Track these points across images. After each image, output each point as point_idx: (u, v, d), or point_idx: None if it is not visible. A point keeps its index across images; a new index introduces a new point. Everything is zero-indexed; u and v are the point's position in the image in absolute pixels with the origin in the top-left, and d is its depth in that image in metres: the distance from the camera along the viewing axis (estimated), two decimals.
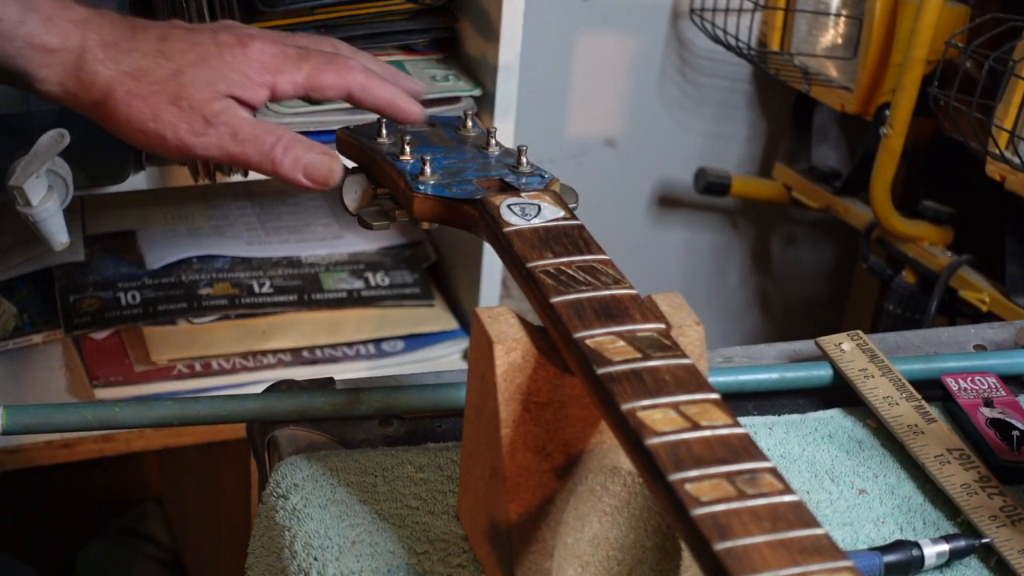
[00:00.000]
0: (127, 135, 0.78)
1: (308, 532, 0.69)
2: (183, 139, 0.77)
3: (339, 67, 0.81)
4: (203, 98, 0.77)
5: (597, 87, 1.78)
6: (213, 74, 0.78)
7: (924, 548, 0.70)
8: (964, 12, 1.51)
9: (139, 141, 0.78)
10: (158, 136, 0.77)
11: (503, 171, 0.77)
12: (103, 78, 0.77)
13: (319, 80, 0.81)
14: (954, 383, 0.82)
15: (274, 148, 0.77)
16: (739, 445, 0.54)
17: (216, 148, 0.77)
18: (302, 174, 0.78)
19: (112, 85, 0.77)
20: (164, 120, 0.77)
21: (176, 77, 0.77)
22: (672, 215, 1.91)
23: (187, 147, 0.77)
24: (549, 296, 0.63)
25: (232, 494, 1.52)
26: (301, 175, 0.78)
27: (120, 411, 0.76)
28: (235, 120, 0.77)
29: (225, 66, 0.78)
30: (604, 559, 0.64)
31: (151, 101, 0.77)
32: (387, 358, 1.47)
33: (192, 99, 0.77)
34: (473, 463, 0.66)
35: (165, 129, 0.77)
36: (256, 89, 0.79)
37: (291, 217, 1.58)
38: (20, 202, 1.14)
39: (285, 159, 0.77)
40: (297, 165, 0.78)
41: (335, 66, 0.81)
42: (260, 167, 0.78)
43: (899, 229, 1.58)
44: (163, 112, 0.77)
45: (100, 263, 1.48)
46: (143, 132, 0.77)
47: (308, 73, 0.80)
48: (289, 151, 0.78)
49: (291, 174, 0.77)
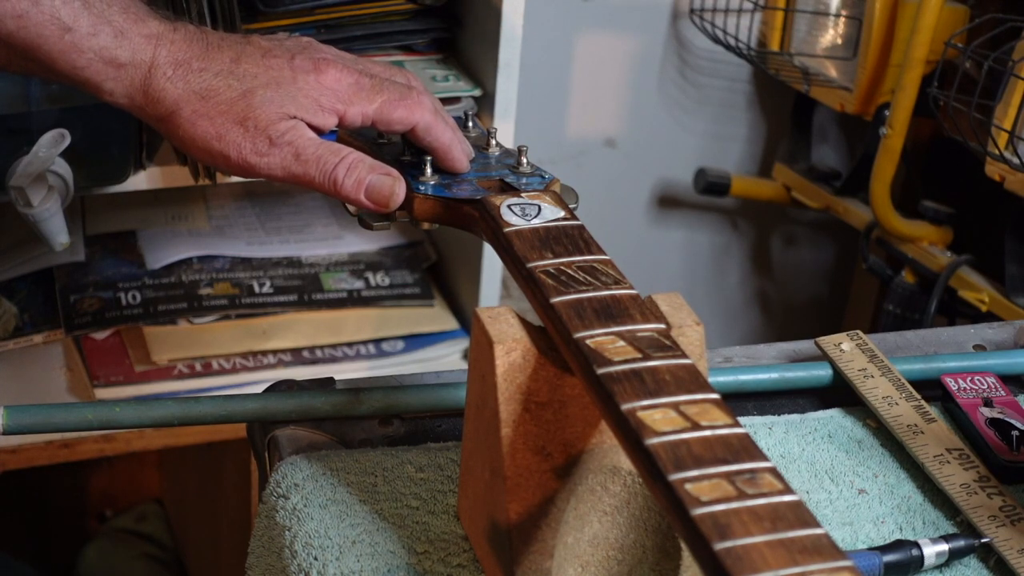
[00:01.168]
0: (190, 151, 0.79)
1: (308, 532, 0.69)
2: (246, 159, 0.77)
3: (410, 103, 0.80)
4: (269, 119, 0.77)
5: (597, 87, 1.78)
6: (284, 97, 0.78)
7: (924, 548, 0.70)
8: (964, 12, 1.51)
9: (202, 159, 0.79)
10: (222, 155, 0.77)
11: (503, 171, 0.77)
12: (171, 96, 0.77)
13: (389, 115, 0.79)
14: (954, 383, 0.82)
15: (336, 169, 0.77)
16: (739, 445, 0.54)
17: (279, 168, 0.77)
18: (364, 195, 0.77)
19: (179, 103, 0.77)
20: (228, 140, 0.77)
21: (245, 98, 0.77)
22: (672, 215, 1.91)
23: (250, 166, 0.77)
24: (549, 296, 0.63)
25: (232, 494, 1.52)
26: (363, 196, 0.77)
27: (120, 411, 0.76)
28: (299, 140, 0.77)
29: (298, 91, 0.78)
30: (604, 559, 0.64)
31: (217, 121, 0.77)
32: (387, 358, 1.47)
33: (258, 120, 0.77)
34: (473, 463, 0.66)
35: (229, 149, 0.77)
36: (325, 116, 0.79)
37: (291, 217, 1.58)
38: (21, 202, 1.15)
39: (347, 180, 0.77)
40: (360, 186, 0.77)
41: (407, 102, 0.80)
42: (322, 187, 0.77)
43: (899, 229, 1.58)
44: (228, 132, 0.77)
45: (100, 263, 1.48)
46: (207, 151, 0.78)
47: (379, 107, 0.79)
48: (352, 172, 0.77)
49: (353, 195, 0.77)
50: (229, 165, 0.78)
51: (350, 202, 0.78)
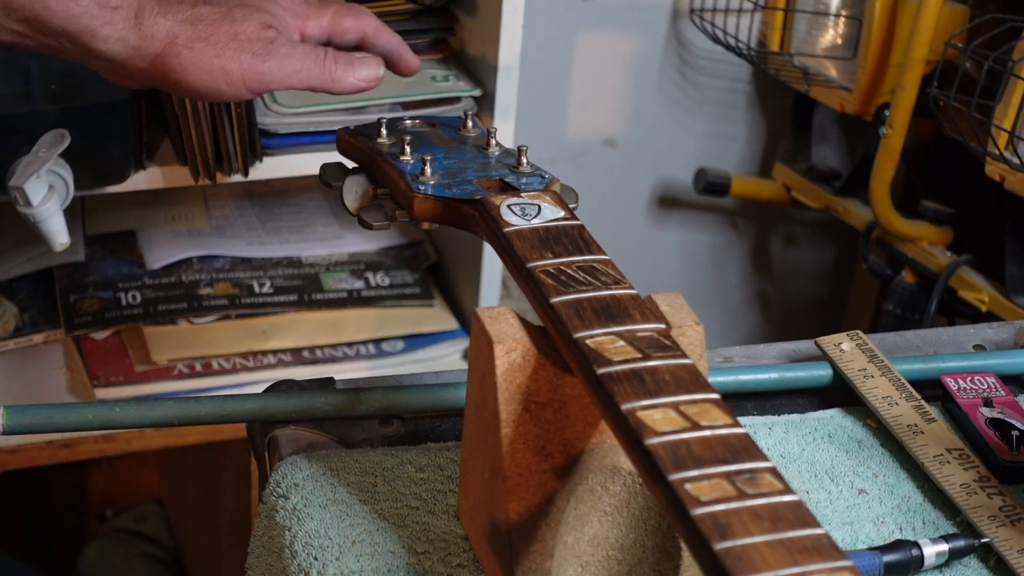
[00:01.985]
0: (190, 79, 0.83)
1: (308, 532, 0.69)
2: (247, 68, 0.83)
3: (356, 12, 0.90)
4: (256, 28, 0.84)
5: (597, 87, 1.78)
6: (257, 12, 0.85)
7: (924, 548, 0.70)
8: (964, 12, 1.51)
9: (204, 82, 0.83)
10: (223, 71, 0.83)
11: (503, 171, 0.77)
12: (163, 29, 0.82)
13: (341, 23, 0.89)
14: (954, 383, 0.82)
15: (327, 58, 0.85)
16: (739, 445, 0.54)
17: (278, 69, 0.84)
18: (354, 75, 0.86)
19: (173, 33, 0.82)
20: (227, 55, 0.83)
21: (228, 17, 0.84)
22: (672, 215, 1.91)
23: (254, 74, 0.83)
24: (549, 296, 0.63)
25: (232, 494, 1.52)
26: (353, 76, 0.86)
27: (120, 411, 0.76)
28: (287, 44, 0.85)
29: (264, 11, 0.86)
30: (604, 559, 0.64)
31: (211, 41, 0.83)
32: (387, 358, 1.47)
33: (248, 31, 0.83)
34: (473, 463, 0.66)
35: (230, 62, 0.83)
36: (291, 32, 0.87)
37: (291, 217, 1.58)
38: (21, 202, 1.14)
39: (338, 66, 0.85)
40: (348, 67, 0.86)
41: (353, 11, 0.90)
42: (319, 80, 0.85)
43: (899, 229, 1.58)
44: (225, 48, 0.83)
45: (100, 263, 1.48)
46: (208, 71, 0.83)
47: (331, 18, 0.89)
48: (339, 59, 0.86)
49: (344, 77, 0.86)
50: (231, 81, 0.83)
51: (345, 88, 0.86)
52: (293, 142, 1.31)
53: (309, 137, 1.32)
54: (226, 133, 1.26)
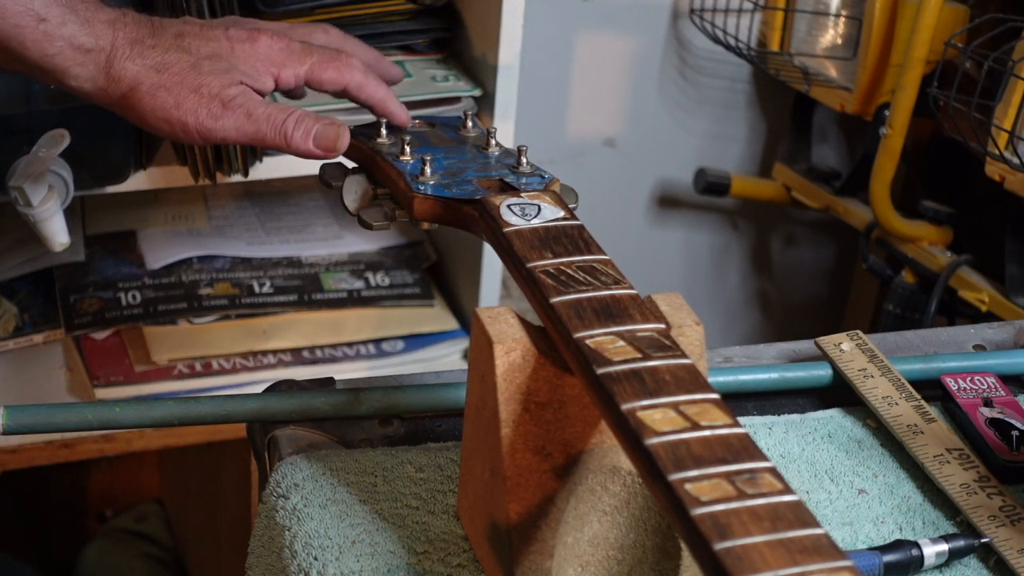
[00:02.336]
0: (151, 123, 0.85)
1: (308, 532, 0.69)
2: (203, 123, 0.84)
3: (340, 65, 0.89)
4: (221, 84, 0.84)
5: (597, 87, 1.78)
6: (227, 66, 0.85)
7: (923, 548, 0.70)
8: (964, 12, 1.51)
9: (162, 129, 0.85)
10: (180, 123, 0.84)
11: (503, 171, 0.77)
12: (130, 73, 0.84)
13: (320, 75, 0.88)
14: (953, 383, 0.82)
15: (285, 123, 0.84)
16: (739, 445, 0.54)
17: (233, 129, 0.84)
18: (312, 143, 0.85)
19: (139, 78, 0.83)
20: (186, 107, 0.83)
21: (195, 68, 0.84)
22: (672, 215, 1.91)
23: (207, 130, 0.84)
24: (549, 296, 0.63)
25: (232, 494, 1.52)
26: (312, 144, 0.85)
27: (120, 411, 0.76)
28: (249, 102, 0.84)
29: (237, 60, 0.86)
30: (604, 559, 0.64)
31: (174, 91, 0.83)
32: (387, 358, 1.47)
33: (211, 86, 0.84)
34: (473, 463, 0.66)
35: (187, 116, 0.83)
36: (264, 80, 0.87)
37: (291, 217, 1.58)
38: (21, 202, 1.14)
39: (296, 132, 0.84)
40: (308, 136, 0.85)
41: (336, 63, 0.89)
42: (274, 142, 0.84)
43: (899, 229, 1.58)
44: (185, 100, 0.83)
45: (100, 263, 1.48)
46: (167, 120, 0.84)
47: (310, 68, 0.88)
48: (300, 124, 0.85)
49: (303, 144, 0.85)
50: (187, 132, 0.84)
51: (300, 153, 0.85)
52: None
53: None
54: None
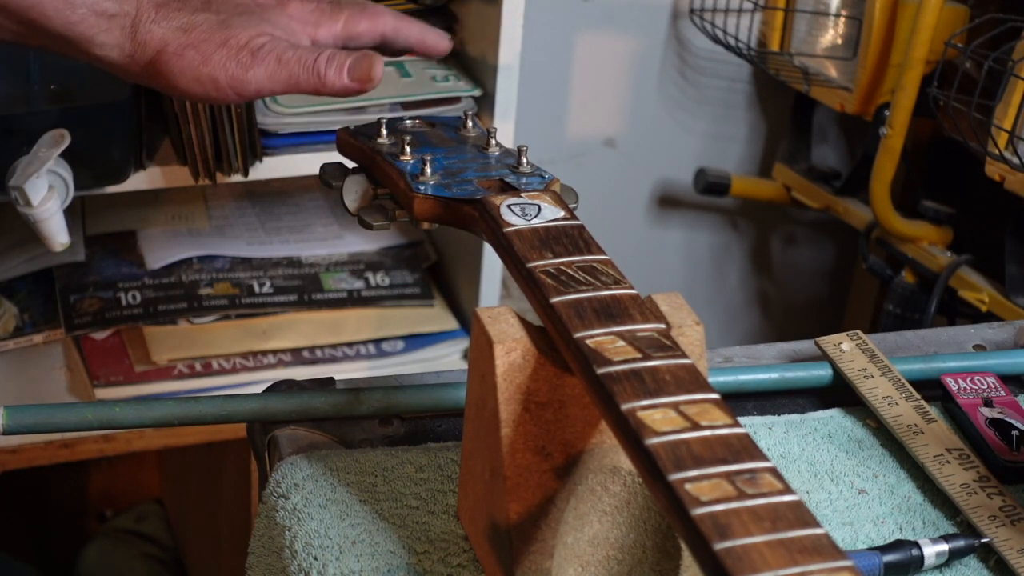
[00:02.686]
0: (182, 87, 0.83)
1: (308, 532, 0.69)
2: (234, 75, 0.82)
3: (371, 14, 0.87)
4: (249, 35, 0.82)
5: (597, 87, 1.78)
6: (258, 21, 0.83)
7: (924, 548, 0.70)
8: (964, 12, 1.51)
9: (194, 90, 0.83)
10: (210, 79, 0.82)
11: (503, 171, 0.77)
12: (156, 36, 0.82)
13: (355, 28, 0.87)
14: (954, 383, 0.82)
15: (317, 62, 0.82)
16: (739, 445, 0.54)
17: (266, 78, 0.82)
18: (348, 77, 0.82)
19: (165, 41, 0.82)
20: (214, 62, 0.81)
21: (223, 25, 0.82)
22: (672, 215, 1.91)
23: (239, 82, 0.82)
24: (549, 296, 0.63)
25: (232, 494, 1.52)
26: (347, 79, 0.82)
27: (120, 411, 0.76)
28: (278, 47, 0.82)
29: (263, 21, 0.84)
30: (604, 559, 0.64)
31: (201, 48, 0.81)
32: (387, 358, 1.47)
33: (239, 38, 0.82)
34: (473, 463, 0.66)
35: (216, 70, 0.81)
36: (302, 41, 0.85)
37: (291, 217, 1.58)
38: (21, 202, 1.15)
39: (329, 69, 0.82)
40: (341, 71, 0.82)
41: (367, 13, 0.87)
42: (309, 84, 0.82)
43: (899, 229, 1.58)
44: (213, 55, 0.81)
45: (100, 263, 1.48)
46: (196, 79, 0.82)
47: (344, 24, 0.86)
48: (332, 60, 0.82)
49: (337, 81, 0.82)
50: (219, 88, 0.82)
51: (335, 90, 0.82)
52: (293, 142, 1.31)
53: (309, 137, 1.32)
54: (226, 133, 1.26)
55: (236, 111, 1.25)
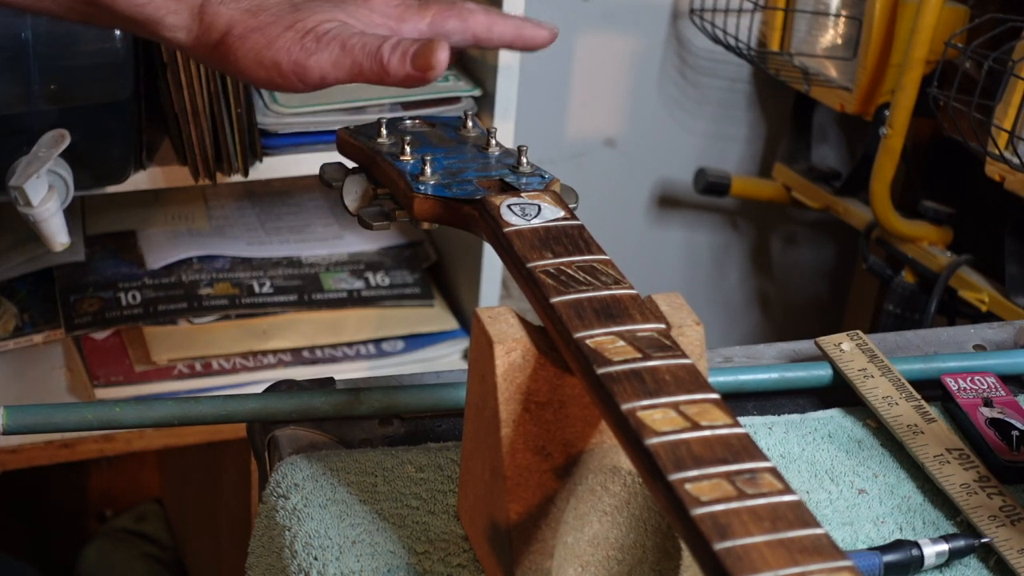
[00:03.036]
0: (247, 71, 0.80)
1: (308, 532, 0.69)
2: (297, 60, 0.78)
3: (460, 11, 0.82)
4: (317, 20, 0.79)
5: (597, 87, 1.78)
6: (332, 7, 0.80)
7: (924, 548, 0.70)
8: (964, 12, 1.51)
9: (258, 75, 0.80)
10: (273, 63, 0.79)
11: (503, 171, 0.77)
12: (224, 18, 0.80)
13: (443, 26, 0.82)
14: (954, 383, 0.82)
15: (381, 49, 0.78)
16: (739, 445, 0.54)
17: (329, 64, 0.78)
18: (411, 66, 0.78)
19: (232, 23, 0.79)
20: (278, 46, 0.79)
21: (294, 8, 0.80)
22: (672, 215, 1.91)
23: (302, 68, 0.79)
24: (549, 296, 0.63)
25: (232, 494, 1.52)
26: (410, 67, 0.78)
27: (120, 411, 0.76)
28: (343, 32, 0.79)
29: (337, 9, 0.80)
30: (604, 559, 0.64)
31: (267, 31, 0.79)
32: (387, 358, 1.47)
33: (307, 21, 0.79)
34: (473, 463, 0.66)
35: (279, 54, 0.79)
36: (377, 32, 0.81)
37: (291, 217, 1.58)
38: (21, 202, 1.15)
39: (393, 57, 0.78)
40: (405, 59, 0.78)
41: (456, 10, 0.82)
42: (371, 73, 0.78)
43: (899, 229, 1.58)
44: (278, 38, 0.79)
45: (100, 263, 1.48)
46: (260, 63, 0.79)
47: (431, 21, 0.82)
48: (397, 48, 0.78)
49: (400, 69, 0.78)
50: (282, 74, 0.79)
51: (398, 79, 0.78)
52: (293, 142, 1.31)
53: (309, 137, 1.32)
54: (226, 133, 1.26)
55: (236, 111, 1.25)
